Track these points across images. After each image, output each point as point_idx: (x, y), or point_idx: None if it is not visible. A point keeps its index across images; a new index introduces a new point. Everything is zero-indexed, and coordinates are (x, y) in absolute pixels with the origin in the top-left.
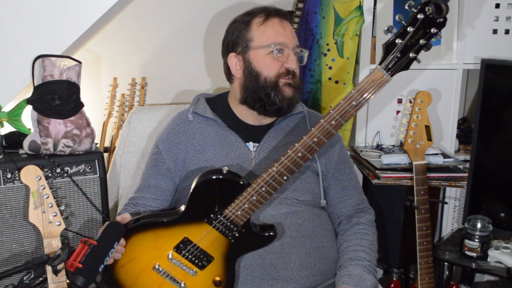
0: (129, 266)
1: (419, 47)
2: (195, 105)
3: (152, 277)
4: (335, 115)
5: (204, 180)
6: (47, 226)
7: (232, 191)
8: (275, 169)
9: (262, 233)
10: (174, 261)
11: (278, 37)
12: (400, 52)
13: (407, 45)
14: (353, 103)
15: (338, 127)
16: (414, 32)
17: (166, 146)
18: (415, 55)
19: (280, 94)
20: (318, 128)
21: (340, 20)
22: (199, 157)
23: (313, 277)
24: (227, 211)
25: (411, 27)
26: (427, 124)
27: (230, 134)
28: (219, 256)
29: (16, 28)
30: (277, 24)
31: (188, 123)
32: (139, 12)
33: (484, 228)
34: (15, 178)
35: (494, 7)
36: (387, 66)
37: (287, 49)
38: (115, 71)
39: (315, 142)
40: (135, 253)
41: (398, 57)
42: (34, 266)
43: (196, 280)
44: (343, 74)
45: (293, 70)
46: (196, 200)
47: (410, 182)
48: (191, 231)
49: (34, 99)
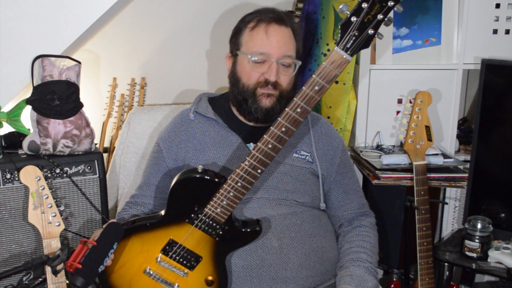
0: (120, 271)
1: (377, 22)
2: (197, 105)
3: (145, 281)
4: (299, 102)
5: (179, 180)
6: (46, 226)
7: (209, 189)
8: (247, 163)
9: (246, 229)
10: (163, 264)
11: (260, 47)
12: (357, 30)
13: (363, 22)
14: (316, 88)
15: (304, 114)
16: (369, 8)
17: (167, 144)
18: (373, 31)
19: (256, 103)
20: (284, 117)
21: (340, 20)
22: (199, 156)
23: (312, 278)
24: (207, 209)
25: (365, 2)
26: (427, 124)
27: (231, 135)
28: (207, 255)
29: (16, 28)
30: (264, 32)
31: (189, 123)
32: (139, 12)
33: (484, 228)
34: (15, 178)
35: (494, 7)
36: (345, 46)
37: (269, 60)
38: (114, 71)
39: (284, 131)
40: (125, 258)
41: (355, 35)
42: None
43: (188, 281)
44: (343, 74)
45: (273, 81)
46: (174, 201)
47: (410, 182)
48: (175, 232)
49: (33, 99)
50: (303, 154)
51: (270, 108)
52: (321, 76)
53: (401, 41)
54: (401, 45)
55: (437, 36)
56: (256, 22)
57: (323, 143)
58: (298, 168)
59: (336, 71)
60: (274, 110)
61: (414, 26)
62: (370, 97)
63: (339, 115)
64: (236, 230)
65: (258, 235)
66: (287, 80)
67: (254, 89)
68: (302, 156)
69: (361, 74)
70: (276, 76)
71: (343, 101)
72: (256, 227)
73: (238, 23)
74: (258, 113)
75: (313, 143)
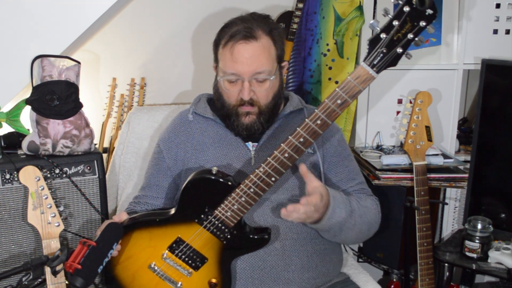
0: (126, 264)
1: (407, 42)
2: (196, 105)
3: (149, 276)
4: (320, 114)
5: (193, 180)
6: (46, 227)
7: (221, 192)
8: (262, 170)
9: (254, 236)
10: (168, 261)
11: (230, 67)
12: (386, 47)
13: (393, 40)
14: (338, 102)
15: (324, 127)
16: (400, 26)
17: (166, 145)
18: (402, 50)
19: (237, 120)
20: (303, 127)
21: (340, 20)
22: (198, 156)
23: (314, 280)
24: (217, 211)
25: (397, 20)
26: (427, 124)
27: (229, 134)
28: (213, 257)
29: (15, 28)
30: (231, 52)
31: (188, 123)
32: (138, 12)
33: (484, 229)
34: (14, 178)
35: (494, 7)
36: (372, 62)
37: (240, 79)
38: (114, 72)
39: (301, 142)
40: (131, 251)
41: (383, 52)
42: (33, 267)
43: (191, 280)
44: (343, 75)
45: (247, 100)
46: (186, 200)
47: (410, 182)
48: (184, 231)
49: (33, 100)
50: None
51: (250, 126)
52: (345, 90)
53: None
54: None
55: (437, 36)
56: (226, 41)
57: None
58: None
59: (360, 87)
60: (254, 126)
61: None
62: (370, 97)
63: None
64: (245, 235)
65: (266, 243)
66: (264, 95)
67: (236, 108)
68: None
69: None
70: (249, 94)
71: None
72: (265, 235)
73: (217, 34)
74: (239, 129)
75: None
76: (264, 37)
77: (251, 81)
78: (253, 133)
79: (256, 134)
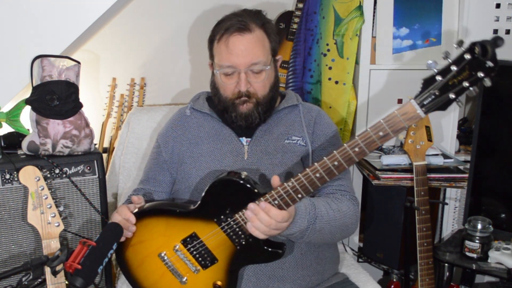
0: (137, 247)
1: (461, 89)
2: (194, 102)
3: (157, 264)
4: (359, 141)
5: (221, 179)
6: (46, 227)
7: (246, 197)
8: (291, 185)
9: (268, 248)
10: (179, 253)
11: (226, 60)
12: (439, 90)
13: (447, 84)
14: (380, 134)
15: (361, 155)
16: (458, 72)
17: (164, 139)
18: (455, 96)
19: (235, 110)
20: (340, 151)
21: (340, 20)
22: (193, 150)
23: (310, 277)
24: (238, 216)
25: (456, 66)
26: (427, 124)
27: (224, 129)
28: (223, 260)
29: (15, 28)
30: (226, 45)
31: (185, 118)
32: (138, 12)
33: (484, 229)
34: (14, 179)
35: (494, 7)
36: (422, 102)
37: (237, 71)
38: (114, 72)
39: (335, 165)
40: (145, 236)
41: (435, 94)
42: (32, 267)
43: (197, 278)
44: (343, 75)
45: (244, 92)
46: (210, 197)
47: (410, 183)
48: (201, 227)
49: (32, 100)
50: (294, 138)
51: (248, 114)
52: (389, 124)
53: (401, 41)
54: (401, 45)
55: (437, 36)
56: (221, 35)
57: (313, 127)
58: (289, 156)
59: (405, 123)
60: (252, 116)
61: (414, 26)
62: (370, 97)
63: (339, 115)
64: (259, 245)
65: (278, 258)
66: (260, 86)
67: (232, 100)
68: (294, 140)
69: (361, 74)
70: (246, 86)
71: (343, 101)
72: (279, 250)
73: (211, 31)
74: (238, 120)
75: (305, 127)
76: (257, 29)
77: (247, 72)
78: (251, 122)
79: (253, 125)
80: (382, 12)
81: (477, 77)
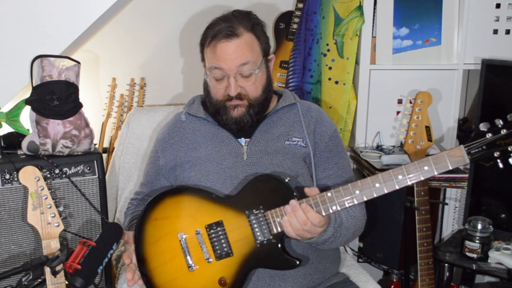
0: (160, 222)
1: (505, 151)
2: (189, 107)
3: (173, 244)
4: (404, 170)
5: (267, 175)
6: (45, 227)
7: (283, 199)
8: (329, 195)
9: (285, 255)
10: (199, 237)
11: (216, 64)
12: (486, 146)
13: (495, 143)
14: (425, 168)
15: (402, 183)
16: (506, 136)
17: (161, 145)
18: (498, 154)
19: (226, 114)
20: (384, 174)
21: (340, 20)
22: (191, 154)
23: (311, 276)
24: (269, 213)
25: (505, 129)
26: (427, 124)
27: (221, 131)
28: (238, 256)
29: (15, 28)
30: (214, 51)
31: (181, 124)
32: (138, 12)
33: (484, 229)
34: (14, 179)
35: (494, 7)
36: (470, 151)
37: (226, 76)
38: (114, 72)
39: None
40: (173, 213)
41: (483, 148)
42: (32, 267)
43: (206, 268)
44: (343, 75)
45: (234, 96)
46: (250, 189)
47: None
48: (229, 217)
49: (32, 100)
50: (294, 140)
51: (240, 118)
52: (435, 161)
53: (401, 41)
54: (401, 45)
55: (437, 36)
56: (209, 40)
57: (314, 127)
58: (290, 157)
59: (449, 165)
60: (244, 119)
61: (414, 26)
62: (370, 97)
63: (339, 115)
64: (279, 248)
65: (291, 267)
66: (252, 89)
67: (223, 103)
68: (294, 142)
69: (361, 74)
70: (236, 90)
71: (343, 101)
72: (296, 261)
73: (202, 35)
74: (230, 123)
75: (305, 128)
76: (246, 33)
77: (236, 76)
78: (243, 126)
79: (246, 127)
80: (382, 12)
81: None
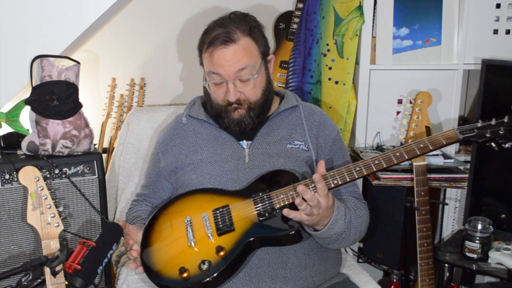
0: (171, 215)
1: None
2: (190, 108)
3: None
4: (401, 148)
5: (281, 170)
6: (45, 227)
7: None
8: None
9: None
10: (204, 218)
11: (214, 70)
12: (477, 128)
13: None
14: (421, 145)
15: (400, 159)
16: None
17: (162, 148)
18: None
19: (228, 116)
20: (383, 154)
21: (340, 20)
22: (193, 157)
23: (312, 278)
24: (273, 193)
25: (496, 120)
26: (427, 124)
27: (223, 134)
28: (239, 231)
29: (15, 28)
30: (211, 58)
31: (182, 126)
32: (138, 12)
33: (484, 229)
34: (13, 179)
35: (494, 7)
36: (461, 131)
37: (225, 81)
38: (113, 72)
39: (376, 164)
40: (184, 206)
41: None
42: (32, 267)
43: (206, 243)
44: (343, 75)
45: (234, 101)
46: (259, 182)
47: (410, 183)
48: (236, 202)
49: (32, 100)
50: (296, 143)
51: (241, 120)
52: (430, 140)
53: (401, 41)
54: (401, 45)
55: (437, 36)
56: (207, 46)
57: (317, 131)
58: (292, 160)
59: (444, 141)
60: (245, 121)
61: (414, 26)
62: (370, 97)
63: (339, 115)
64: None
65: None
66: (251, 93)
67: (224, 107)
68: (296, 145)
69: (361, 74)
70: (236, 96)
71: (343, 101)
72: (292, 230)
73: (199, 40)
74: (232, 125)
75: (307, 132)
76: (243, 38)
77: (235, 82)
78: (244, 128)
79: (247, 129)
80: (382, 12)
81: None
